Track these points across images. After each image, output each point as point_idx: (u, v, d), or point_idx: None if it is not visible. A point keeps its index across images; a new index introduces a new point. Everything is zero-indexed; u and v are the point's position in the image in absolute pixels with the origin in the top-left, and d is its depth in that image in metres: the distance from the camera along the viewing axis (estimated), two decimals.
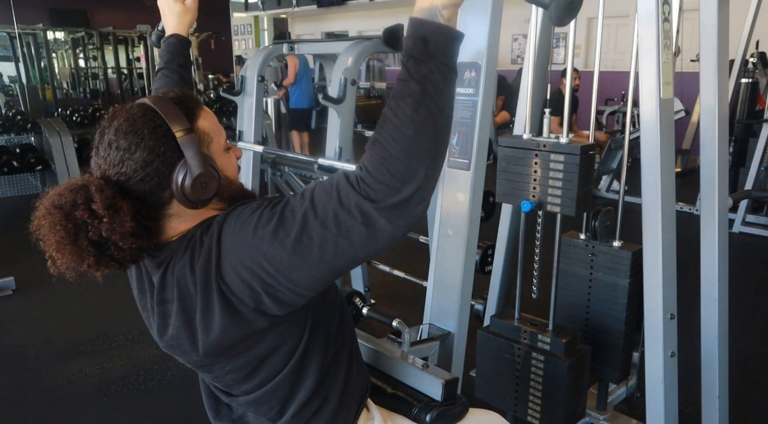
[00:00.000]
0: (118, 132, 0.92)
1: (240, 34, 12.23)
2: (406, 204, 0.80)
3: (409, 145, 0.79)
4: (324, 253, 0.83)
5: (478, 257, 2.29)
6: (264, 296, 0.89)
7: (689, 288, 1.96)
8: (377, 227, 0.80)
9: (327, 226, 0.82)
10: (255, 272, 0.87)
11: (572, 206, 1.52)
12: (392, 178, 0.79)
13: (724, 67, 1.80)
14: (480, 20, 1.69)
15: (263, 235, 0.86)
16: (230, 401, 1.11)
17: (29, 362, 2.84)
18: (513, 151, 1.62)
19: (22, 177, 6.10)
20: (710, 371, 1.89)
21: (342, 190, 0.81)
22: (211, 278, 0.91)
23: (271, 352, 0.99)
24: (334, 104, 2.58)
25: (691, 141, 6.53)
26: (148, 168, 0.91)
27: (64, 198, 0.90)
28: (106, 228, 0.88)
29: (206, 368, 1.05)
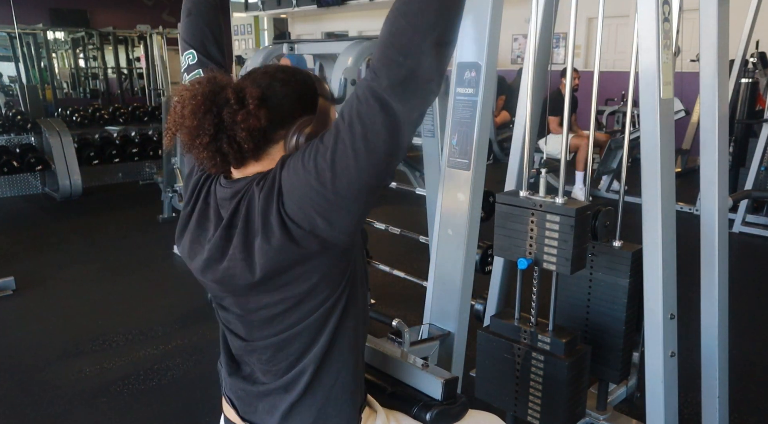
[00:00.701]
0: (279, 69, 1.04)
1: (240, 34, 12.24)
2: (412, 81, 0.85)
3: (415, 19, 0.84)
4: (357, 153, 0.88)
5: (478, 257, 2.29)
6: (317, 217, 0.93)
7: (689, 288, 1.96)
8: (392, 109, 0.86)
9: (353, 126, 0.88)
10: (306, 192, 0.92)
11: (567, 266, 1.54)
12: (396, 52, 0.84)
13: (724, 67, 1.80)
14: (480, 20, 1.69)
15: (309, 156, 0.93)
16: (244, 349, 1.11)
17: (29, 362, 2.84)
18: (510, 208, 1.63)
19: (22, 177, 6.11)
20: (710, 371, 1.89)
21: (359, 89, 0.89)
22: (272, 205, 0.96)
23: (310, 293, 1.01)
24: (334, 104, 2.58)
25: (691, 141, 6.53)
26: (286, 100, 1.01)
27: (220, 78, 0.99)
28: (244, 114, 0.95)
29: (244, 297, 1.05)
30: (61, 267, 4.09)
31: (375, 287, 3.46)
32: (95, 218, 5.48)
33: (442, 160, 1.85)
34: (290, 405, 1.07)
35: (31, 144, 6.03)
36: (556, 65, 7.13)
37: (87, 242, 4.72)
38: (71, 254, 4.39)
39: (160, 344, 2.98)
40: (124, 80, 10.94)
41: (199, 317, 3.24)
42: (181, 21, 1.33)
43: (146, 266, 4.05)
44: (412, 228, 3.21)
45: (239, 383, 1.14)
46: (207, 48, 1.28)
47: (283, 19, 12.52)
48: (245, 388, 1.13)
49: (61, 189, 5.73)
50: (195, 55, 1.27)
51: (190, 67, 1.27)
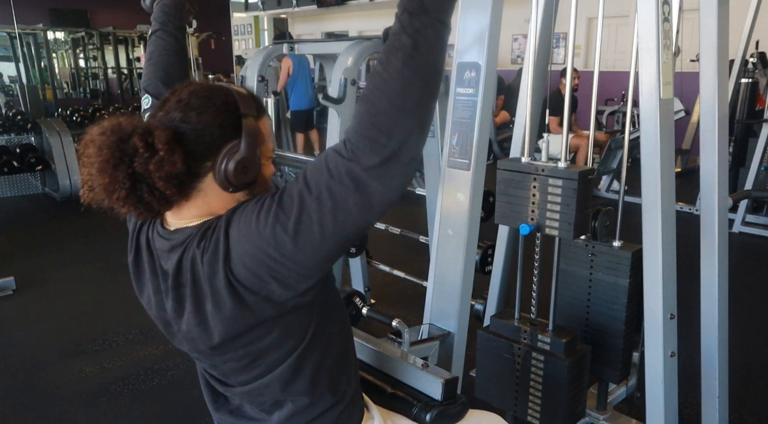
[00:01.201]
0: (192, 94, 0.95)
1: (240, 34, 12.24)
2: (394, 161, 0.81)
3: (397, 99, 0.80)
4: (324, 229, 0.84)
5: (478, 257, 2.29)
6: (272, 282, 0.90)
7: (689, 288, 1.96)
8: (369, 190, 0.81)
9: (322, 201, 0.83)
10: (261, 259, 0.88)
11: (570, 230, 1.53)
12: (378, 132, 0.80)
13: (724, 67, 1.80)
14: (480, 20, 1.69)
15: (265, 222, 0.87)
16: (225, 391, 1.12)
17: (29, 362, 2.84)
18: (511, 174, 1.63)
19: (22, 177, 6.10)
20: (710, 371, 1.89)
21: (330, 161, 0.83)
22: (218, 269, 0.92)
23: (273, 346, 1.00)
24: (334, 104, 2.58)
25: (691, 141, 6.53)
26: (206, 131, 0.94)
27: (124, 125, 0.92)
28: (156, 162, 0.89)
29: (207, 356, 1.05)
30: (61, 267, 4.09)
31: (375, 287, 3.46)
32: (95, 218, 5.44)
33: (442, 160, 1.85)
34: None
35: (31, 144, 6.02)
36: (556, 65, 7.14)
37: (87, 242, 4.72)
38: (71, 254, 4.39)
39: (160, 344, 2.98)
40: (124, 80, 10.94)
41: None
42: (143, 67, 1.38)
43: None
44: (412, 228, 3.21)
45: (227, 418, 1.15)
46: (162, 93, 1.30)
47: (283, 19, 12.52)
48: (235, 422, 1.14)
49: (61, 189, 5.73)
50: (150, 99, 1.29)
51: (145, 110, 1.29)
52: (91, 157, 0.92)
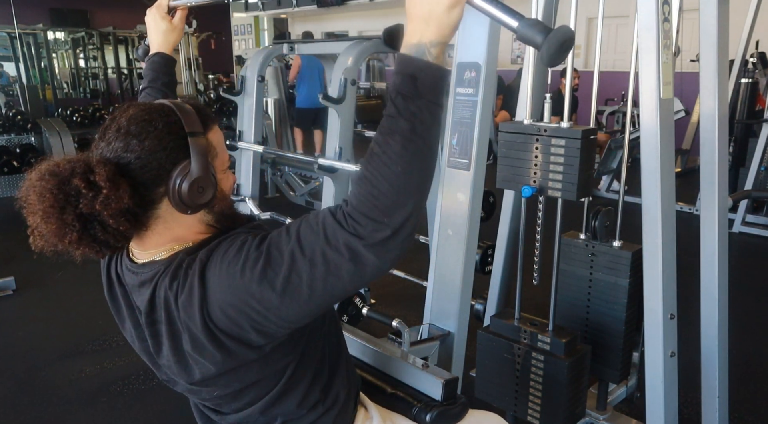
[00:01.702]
0: (131, 119, 0.92)
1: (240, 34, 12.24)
2: (393, 238, 0.81)
3: (398, 182, 0.80)
4: (313, 290, 0.84)
5: (478, 257, 2.29)
6: (251, 331, 0.90)
7: (689, 288, 1.96)
8: (365, 262, 0.81)
9: (315, 264, 0.82)
10: (243, 310, 0.87)
11: (573, 191, 1.52)
12: (380, 213, 0.80)
13: (724, 67, 1.80)
14: (480, 20, 1.69)
15: (251, 276, 0.86)
16: (220, 420, 1.12)
17: (29, 362, 2.84)
18: (514, 136, 1.62)
19: (23, 177, 6.03)
20: (710, 371, 1.89)
21: (328, 228, 0.82)
22: (194, 314, 0.90)
23: (259, 379, 1.00)
24: (334, 104, 2.58)
25: (691, 141, 6.53)
26: (152, 157, 0.91)
27: (62, 167, 0.89)
28: (102, 201, 0.86)
29: (192, 392, 1.06)
30: (61, 267, 4.08)
31: (375, 287, 3.46)
32: None
33: (442, 160, 1.85)
34: None
35: (32, 144, 6.02)
36: None
37: None
38: (71, 254, 4.38)
39: None
40: (124, 80, 10.94)
41: None
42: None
43: None
44: None
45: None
46: None
47: (283, 19, 12.52)
48: None
49: None
50: None
51: None
52: (33, 204, 0.90)
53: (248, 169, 3.23)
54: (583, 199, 1.76)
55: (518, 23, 0.82)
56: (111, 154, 0.91)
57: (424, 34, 0.80)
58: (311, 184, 4.21)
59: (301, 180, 4.34)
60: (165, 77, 1.41)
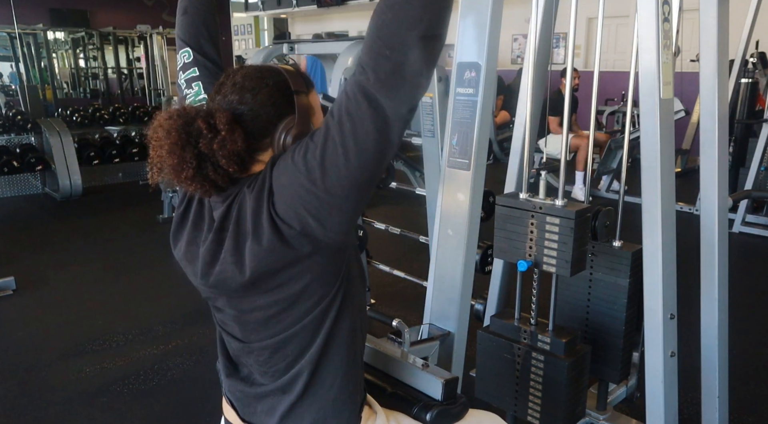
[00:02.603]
0: (246, 76, 1.02)
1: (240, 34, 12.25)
2: (399, 74, 0.85)
3: (400, 10, 0.83)
4: (347, 150, 0.88)
5: (478, 257, 2.29)
6: (308, 216, 0.93)
7: (689, 288, 1.96)
8: (380, 105, 0.85)
9: (342, 122, 0.88)
10: (296, 191, 0.92)
11: (567, 268, 1.54)
12: (382, 45, 0.84)
13: (724, 67, 1.80)
14: (480, 20, 1.69)
15: (299, 154, 0.93)
16: (241, 351, 1.11)
17: (29, 362, 2.84)
18: (509, 210, 1.63)
19: (22, 177, 6.11)
20: (710, 371, 1.89)
21: (348, 86, 0.88)
22: (262, 205, 0.95)
23: (303, 293, 1.00)
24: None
25: (691, 141, 6.53)
26: (262, 110, 1.00)
27: (188, 110, 0.99)
28: (219, 141, 0.95)
29: (238, 300, 1.05)
30: (61, 267, 4.09)
31: (375, 287, 3.46)
32: (95, 218, 5.48)
33: (442, 160, 1.85)
34: (289, 406, 1.07)
35: (32, 144, 6.03)
36: (556, 65, 7.14)
37: (87, 242, 4.72)
38: (71, 254, 4.39)
39: (160, 344, 2.98)
40: (124, 80, 10.94)
41: (199, 317, 3.23)
42: (177, 19, 1.34)
43: (146, 266, 4.05)
44: (412, 228, 3.21)
45: (238, 385, 1.14)
46: (202, 46, 1.28)
47: (283, 19, 12.52)
48: (244, 389, 1.13)
49: (61, 189, 5.73)
50: (191, 53, 1.28)
51: (186, 65, 1.27)
52: (160, 140, 0.97)
53: None
54: (583, 200, 1.76)
55: None
56: (227, 106, 1.01)
57: None
58: None
59: None
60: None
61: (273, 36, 11.94)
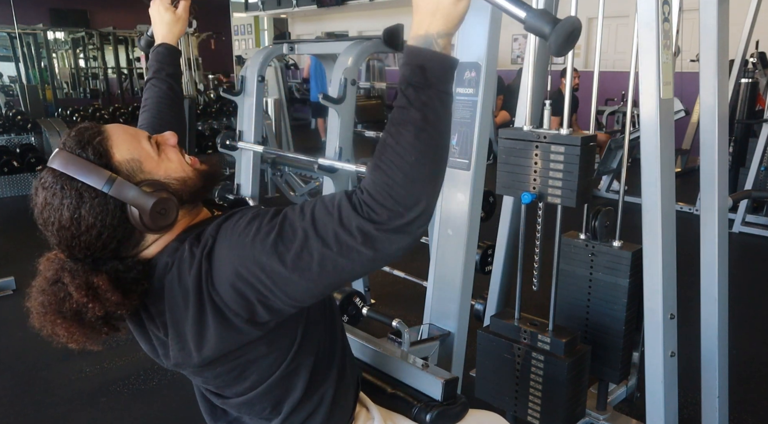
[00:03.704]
0: (49, 211, 0.90)
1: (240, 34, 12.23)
2: (408, 226, 0.81)
3: (412, 172, 0.80)
4: (323, 270, 0.84)
5: (478, 257, 2.29)
6: (258, 305, 0.89)
7: (689, 288, 1.96)
8: (378, 247, 0.81)
9: (328, 244, 0.82)
10: (251, 282, 0.87)
11: (573, 197, 1.52)
12: (395, 203, 0.80)
13: (724, 67, 1.80)
14: (480, 20, 1.69)
15: (262, 248, 0.85)
16: (222, 404, 1.12)
17: (29, 362, 2.84)
18: (513, 143, 1.62)
19: (22, 177, 6.10)
20: (710, 371, 1.89)
21: (344, 210, 0.82)
22: (202, 290, 0.90)
23: (263, 356, 1.00)
24: (334, 104, 2.58)
25: (691, 141, 6.53)
26: (102, 232, 0.90)
27: (47, 295, 0.93)
28: (98, 309, 0.90)
29: (196, 374, 1.06)
30: None
31: (375, 287, 3.46)
32: None
33: None
34: None
35: (32, 144, 6.03)
36: (556, 65, 7.13)
37: None
38: None
39: None
40: (124, 80, 10.95)
41: None
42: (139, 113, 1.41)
43: None
44: None
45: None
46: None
47: (283, 19, 12.51)
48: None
49: None
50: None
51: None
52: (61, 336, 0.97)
53: (248, 169, 3.23)
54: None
55: (526, 14, 0.83)
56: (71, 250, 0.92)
57: (431, 25, 0.81)
58: (311, 184, 4.22)
59: (301, 180, 4.35)
60: (170, 68, 1.41)
61: (273, 36, 11.92)
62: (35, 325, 0.97)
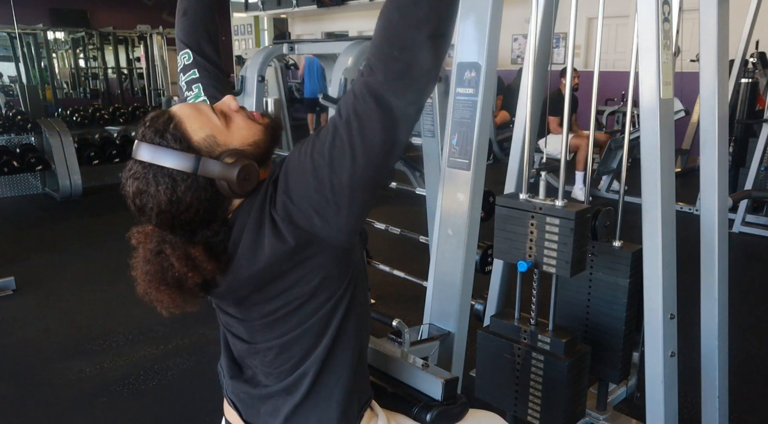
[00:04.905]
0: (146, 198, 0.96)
1: (240, 34, 12.24)
2: (408, 75, 0.84)
3: (407, 11, 0.83)
4: (355, 149, 0.87)
5: (478, 257, 2.29)
6: (315, 216, 0.91)
7: (689, 288, 1.96)
8: (388, 104, 0.85)
9: (350, 121, 0.87)
10: (304, 191, 0.91)
11: (567, 268, 1.54)
12: (391, 46, 0.83)
13: (724, 67, 1.80)
14: (480, 20, 1.69)
15: (306, 153, 0.91)
16: (246, 352, 1.10)
17: (29, 362, 2.85)
18: (509, 211, 1.63)
19: (22, 177, 6.11)
20: (710, 371, 1.89)
21: (355, 85, 0.87)
22: (264, 209, 0.94)
23: (311, 294, 0.99)
24: (334, 104, 2.58)
25: (691, 141, 6.53)
26: (199, 208, 0.96)
27: (152, 265, 0.99)
28: (197, 277, 0.95)
29: (248, 305, 1.05)
30: (61, 267, 4.09)
31: (375, 287, 3.46)
32: (95, 218, 5.48)
33: (442, 160, 1.85)
34: (293, 407, 1.07)
35: (32, 144, 6.02)
36: (556, 65, 7.13)
37: (87, 242, 4.72)
38: (71, 254, 4.39)
39: (160, 344, 2.98)
40: (124, 80, 10.94)
41: (199, 317, 3.23)
42: (177, 21, 1.33)
43: None
44: (412, 228, 3.21)
45: (241, 386, 1.14)
46: (202, 47, 1.28)
47: (283, 19, 12.52)
48: (248, 391, 1.13)
49: (61, 189, 5.73)
50: (191, 54, 1.27)
51: (186, 66, 1.27)
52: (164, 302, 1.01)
53: None
54: (583, 200, 1.76)
55: None
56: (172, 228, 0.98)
57: None
58: None
59: None
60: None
61: (273, 36, 11.93)
62: (139, 292, 1.02)
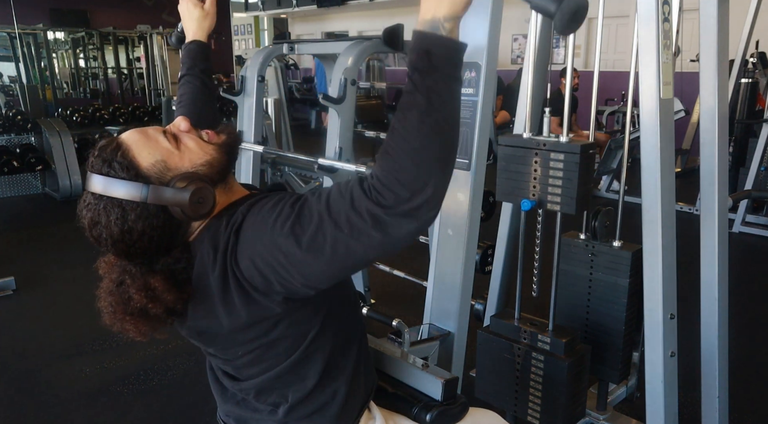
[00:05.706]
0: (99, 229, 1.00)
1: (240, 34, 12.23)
2: (416, 212, 0.82)
3: (417, 156, 0.81)
4: (335, 252, 0.86)
5: (478, 257, 2.29)
6: (276, 285, 0.92)
7: (689, 288, 1.96)
8: (387, 231, 0.83)
9: (340, 227, 0.84)
10: (270, 263, 0.90)
11: (572, 205, 1.52)
12: (402, 188, 0.81)
13: (724, 67, 1.80)
14: (480, 20, 1.69)
15: (281, 230, 0.89)
16: (234, 386, 1.13)
17: (29, 362, 2.84)
18: (513, 150, 1.62)
19: (22, 177, 6.10)
20: (710, 371, 1.89)
21: (355, 194, 0.84)
22: (226, 263, 0.94)
23: (282, 338, 1.01)
24: (334, 104, 2.58)
25: (691, 141, 6.53)
26: (153, 235, 0.96)
27: (114, 296, 1.03)
28: (158, 308, 0.96)
29: (223, 350, 1.07)
30: (61, 267, 4.09)
31: (375, 287, 3.46)
32: None
33: None
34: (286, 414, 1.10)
35: (31, 144, 6.02)
36: (556, 65, 7.13)
37: (87, 242, 4.69)
38: (71, 254, 4.38)
39: (160, 344, 2.98)
40: (124, 80, 10.95)
41: None
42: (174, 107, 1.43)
43: None
44: None
45: (234, 409, 1.17)
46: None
47: (283, 19, 12.51)
48: (241, 414, 1.16)
49: (61, 189, 5.73)
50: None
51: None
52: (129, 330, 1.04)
53: (248, 169, 3.23)
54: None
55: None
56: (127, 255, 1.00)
57: (437, 9, 0.81)
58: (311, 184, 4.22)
59: (301, 180, 4.35)
60: (202, 64, 1.43)
61: (273, 36, 11.92)
62: (106, 322, 1.05)
